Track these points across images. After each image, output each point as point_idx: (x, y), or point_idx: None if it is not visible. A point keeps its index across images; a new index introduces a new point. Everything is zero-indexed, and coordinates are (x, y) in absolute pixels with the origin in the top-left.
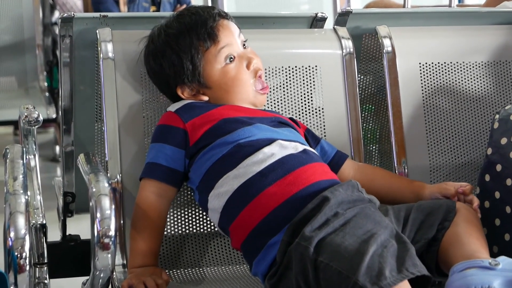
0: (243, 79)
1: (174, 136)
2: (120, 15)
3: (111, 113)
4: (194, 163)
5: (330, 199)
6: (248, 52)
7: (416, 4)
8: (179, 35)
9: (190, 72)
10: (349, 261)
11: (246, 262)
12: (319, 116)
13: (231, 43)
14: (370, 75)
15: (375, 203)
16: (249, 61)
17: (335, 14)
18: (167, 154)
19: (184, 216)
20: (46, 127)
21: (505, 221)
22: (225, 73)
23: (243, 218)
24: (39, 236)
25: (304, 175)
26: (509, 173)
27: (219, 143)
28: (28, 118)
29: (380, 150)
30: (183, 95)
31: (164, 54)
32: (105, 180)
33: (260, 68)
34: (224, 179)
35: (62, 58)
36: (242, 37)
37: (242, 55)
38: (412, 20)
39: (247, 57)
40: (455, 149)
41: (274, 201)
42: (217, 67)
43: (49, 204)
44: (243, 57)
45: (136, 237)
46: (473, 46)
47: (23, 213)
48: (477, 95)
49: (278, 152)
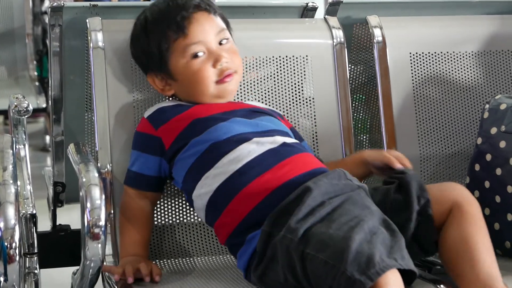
0: (203, 76)
1: (148, 144)
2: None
3: (101, 102)
4: (174, 166)
5: (313, 190)
6: (221, 49)
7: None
8: (153, 21)
9: (157, 60)
10: (335, 250)
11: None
12: (310, 106)
13: (203, 39)
14: (361, 65)
15: (365, 190)
16: (216, 60)
17: (326, 3)
18: (143, 162)
19: (173, 206)
20: (36, 117)
21: (495, 211)
22: (188, 67)
23: (225, 217)
24: (29, 226)
25: (283, 170)
26: (499, 162)
27: (193, 143)
28: (18, 108)
29: (370, 140)
30: (155, 84)
31: (139, 38)
32: (95, 170)
33: (229, 68)
34: (204, 180)
35: (51, 47)
36: (223, 35)
37: (212, 51)
38: (403, 10)
39: (217, 55)
40: (445, 139)
41: (254, 199)
42: (183, 60)
43: (39, 194)
44: (212, 54)
45: (125, 232)
46: (464, 36)
47: (13, 203)
48: (467, 85)
49: (255, 149)
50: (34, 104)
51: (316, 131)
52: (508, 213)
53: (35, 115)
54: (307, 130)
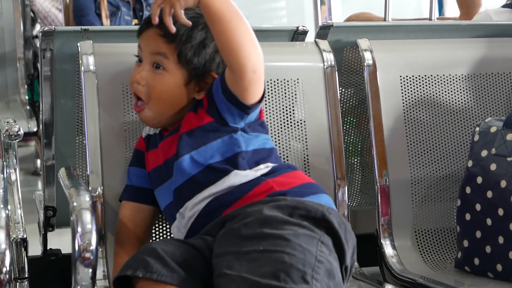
0: (130, 84)
1: (141, 158)
2: (101, 29)
3: (92, 126)
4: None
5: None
6: (147, 70)
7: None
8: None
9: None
10: None
11: None
12: (301, 129)
13: (143, 48)
14: (352, 88)
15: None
16: (131, 79)
17: (317, 27)
18: (137, 175)
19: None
20: (27, 141)
21: (486, 234)
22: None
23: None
24: (19, 250)
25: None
26: (489, 185)
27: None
28: (8, 132)
29: (361, 163)
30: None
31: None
32: (86, 194)
33: (138, 92)
34: (172, 229)
35: (42, 72)
36: (156, 59)
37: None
38: (393, 33)
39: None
40: (436, 162)
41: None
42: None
43: (30, 218)
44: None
45: (119, 252)
46: (453, 59)
47: (3, 227)
48: (457, 107)
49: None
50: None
51: (307, 154)
52: (500, 236)
53: (26, 139)
54: (298, 153)
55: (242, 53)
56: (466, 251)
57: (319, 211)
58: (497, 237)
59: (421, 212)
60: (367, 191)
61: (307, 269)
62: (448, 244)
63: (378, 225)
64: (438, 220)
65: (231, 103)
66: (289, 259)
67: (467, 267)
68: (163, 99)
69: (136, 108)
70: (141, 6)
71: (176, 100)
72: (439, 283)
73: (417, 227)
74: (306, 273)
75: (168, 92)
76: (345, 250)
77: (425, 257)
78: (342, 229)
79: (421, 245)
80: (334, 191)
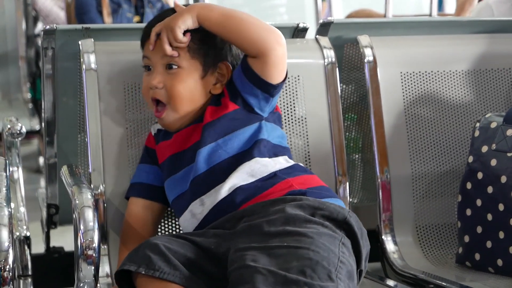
0: (143, 89)
1: (151, 155)
2: (103, 27)
3: (94, 124)
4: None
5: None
6: (161, 73)
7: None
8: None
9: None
10: None
11: None
12: (302, 126)
13: (149, 56)
14: (352, 84)
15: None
16: (146, 84)
17: (317, 24)
18: (145, 171)
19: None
20: (29, 139)
21: (487, 229)
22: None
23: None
24: (23, 248)
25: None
26: (490, 180)
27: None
28: (11, 130)
29: (362, 159)
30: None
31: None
32: (88, 192)
33: (156, 96)
34: (181, 221)
35: (44, 70)
36: (169, 60)
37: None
38: (393, 30)
39: (149, 79)
40: (436, 158)
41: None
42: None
43: (33, 216)
44: (149, 75)
45: (124, 250)
46: (454, 55)
47: (6, 225)
48: (457, 103)
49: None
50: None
51: (308, 151)
52: (500, 231)
53: (28, 137)
54: (300, 150)
55: (260, 43)
56: (467, 247)
57: (340, 213)
58: (498, 232)
59: (422, 208)
60: (368, 187)
61: (331, 268)
62: (449, 240)
63: (380, 221)
64: (439, 215)
65: (255, 85)
66: (314, 256)
67: (468, 262)
68: (183, 96)
69: (156, 113)
70: (142, 3)
71: (195, 95)
72: (441, 278)
73: (418, 223)
74: (331, 271)
75: (187, 88)
76: (362, 254)
77: (426, 253)
78: (360, 234)
79: (422, 241)
80: (336, 187)
